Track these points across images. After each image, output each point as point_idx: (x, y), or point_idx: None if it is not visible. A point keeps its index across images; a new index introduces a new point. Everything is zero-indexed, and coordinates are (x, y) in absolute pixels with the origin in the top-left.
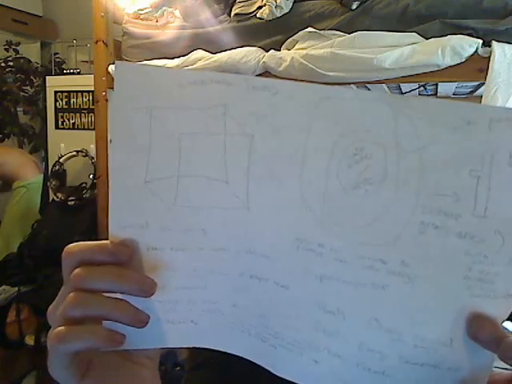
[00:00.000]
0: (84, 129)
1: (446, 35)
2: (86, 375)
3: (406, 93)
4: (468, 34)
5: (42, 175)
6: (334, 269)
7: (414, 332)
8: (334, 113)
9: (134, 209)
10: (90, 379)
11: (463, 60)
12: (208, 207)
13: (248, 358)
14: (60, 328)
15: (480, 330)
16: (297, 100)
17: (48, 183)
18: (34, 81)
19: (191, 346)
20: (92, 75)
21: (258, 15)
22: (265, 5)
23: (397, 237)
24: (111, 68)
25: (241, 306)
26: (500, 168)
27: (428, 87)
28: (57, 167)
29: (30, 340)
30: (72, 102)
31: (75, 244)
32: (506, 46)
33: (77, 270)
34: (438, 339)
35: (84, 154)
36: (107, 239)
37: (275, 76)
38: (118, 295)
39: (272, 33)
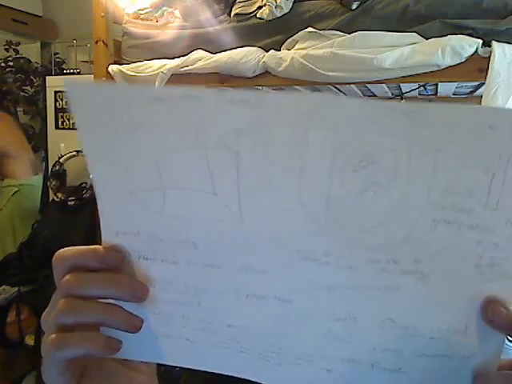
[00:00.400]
0: None
1: (446, 35)
2: (81, 382)
3: (405, 93)
4: (468, 34)
5: (38, 177)
6: (343, 276)
7: (429, 324)
8: (335, 120)
9: (125, 217)
10: None
11: (463, 60)
12: (197, 219)
13: (252, 379)
14: (55, 335)
15: (494, 312)
16: (287, 112)
17: (48, 183)
18: (34, 81)
19: (189, 366)
20: (92, 75)
21: (258, 15)
22: (265, 5)
23: (408, 235)
24: (111, 68)
25: (237, 327)
26: None
27: (428, 87)
28: (57, 167)
29: (29, 340)
30: None
31: (66, 249)
32: (506, 46)
33: (68, 276)
34: (453, 328)
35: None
36: None
37: (275, 76)
38: (112, 301)
39: (272, 33)
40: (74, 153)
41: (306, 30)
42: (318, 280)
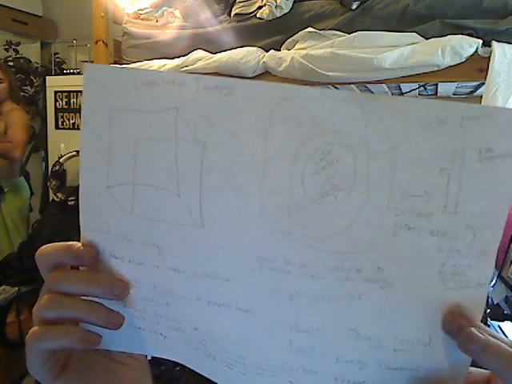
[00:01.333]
0: None
1: (446, 35)
2: (62, 374)
3: (406, 93)
4: (468, 34)
5: (22, 179)
6: (305, 286)
7: (393, 335)
8: (296, 114)
9: (99, 213)
10: (65, 378)
11: (463, 60)
12: (162, 221)
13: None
14: (36, 328)
15: (449, 321)
16: (254, 100)
17: (48, 183)
18: (34, 81)
19: (164, 357)
20: None
21: (258, 15)
22: (265, 5)
23: (370, 242)
24: None
25: (202, 331)
26: (470, 164)
27: (428, 87)
28: (57, 167)
29: None
30: (72, 102)
31: (47, 246)
32: (506, 45)
33: (52, 274)
34: (417, 339)
35: None
36: None
37: (275, 76)
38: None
39: (272, 33)
40: (74, 153)
41: (306, 30)
42: (280, 290)
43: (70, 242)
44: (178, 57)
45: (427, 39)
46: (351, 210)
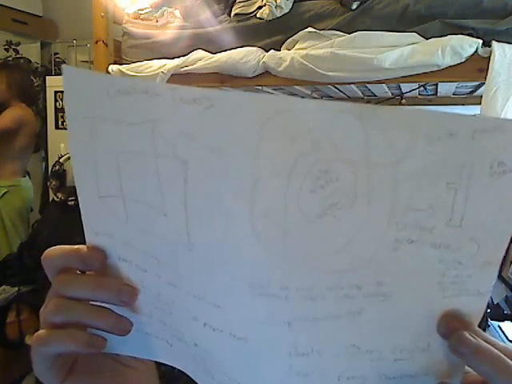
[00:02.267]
0: None
1: (446, 35)
2: (68, 377)
3: (405, 93)
4: (468, 34)
5: (26, 179)
6: (304, 309)
7: (392, 345)
8: (289, 128)
9: (100, 219)
10: (72, 381)
11: (463, 60)
12: (155, 237)
13: None
14: (42, 331)
15: (443, 324)
16: (240, 115)
17: (48, 183)
18: (34, 81)
19: (170, 364)
20: None
21: (258, 15)
22: (265, 5)
23: (370, 258)
24: (111, 68)
25: (202, 348)
26: (479, 178)
27: (428, 87)
28: (57, 167)
29: (29, 340)
30: None
31: (53, 248)
32: (506, 46)
33: (59, 277)
34: (416, 345)
35: None
36: None
37: (275, 76)
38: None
39: (272, 33)
40: None
41: (306, 30)
42: (277, 316)
43: (77, 246)
44: (178, 57)
45: (427, 39)
46: (351, 228)
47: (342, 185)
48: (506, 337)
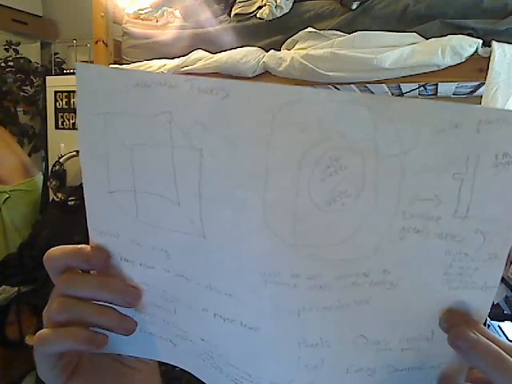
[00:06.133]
0: None
1: (446, 35)
2: (71, 378)
3: (405, 93)
4: (468, 34)
5: (33, 180)
6: (314, 298)
7: (399, 335)
8: (300, 118)
9: (105, 217)
10: (75, 381)
11: (463, 60)
12: (165, 229)
13: None
14: (44, 330)
15: (444, 318)
16: (253, 105)
17: (48, 183)
18: (34, 81)
19: (174, 364)
20: None
21: (257, 15)
22: (265, 5)
23: (377, 246)
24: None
25: (209, 342)
26: (485, 169)
27: (428, 87)
28: (57, 167)
29: (29, 340)
30: (72, 102)
31: (55, 248)
32: (506, 46)
33: (62, 277)
34: (420, 334)
35: None
36: None
37: (275, 76)
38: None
39: (272, 33)
40: (74, 153)
41: (306, 30)
42: (286, 305)
43: (80, 246)
44: (178, 57)
45: (427, 39)
46: (358, 216)
47: (351, 173)
48: (506, 337)
